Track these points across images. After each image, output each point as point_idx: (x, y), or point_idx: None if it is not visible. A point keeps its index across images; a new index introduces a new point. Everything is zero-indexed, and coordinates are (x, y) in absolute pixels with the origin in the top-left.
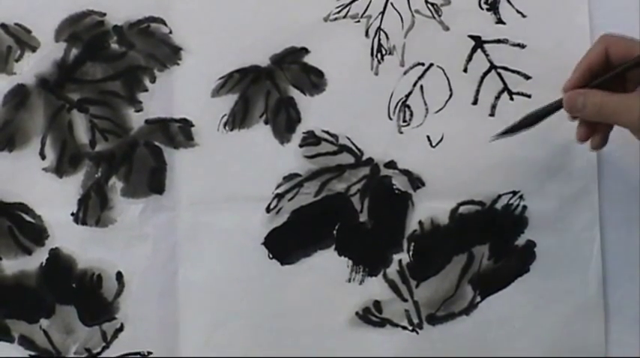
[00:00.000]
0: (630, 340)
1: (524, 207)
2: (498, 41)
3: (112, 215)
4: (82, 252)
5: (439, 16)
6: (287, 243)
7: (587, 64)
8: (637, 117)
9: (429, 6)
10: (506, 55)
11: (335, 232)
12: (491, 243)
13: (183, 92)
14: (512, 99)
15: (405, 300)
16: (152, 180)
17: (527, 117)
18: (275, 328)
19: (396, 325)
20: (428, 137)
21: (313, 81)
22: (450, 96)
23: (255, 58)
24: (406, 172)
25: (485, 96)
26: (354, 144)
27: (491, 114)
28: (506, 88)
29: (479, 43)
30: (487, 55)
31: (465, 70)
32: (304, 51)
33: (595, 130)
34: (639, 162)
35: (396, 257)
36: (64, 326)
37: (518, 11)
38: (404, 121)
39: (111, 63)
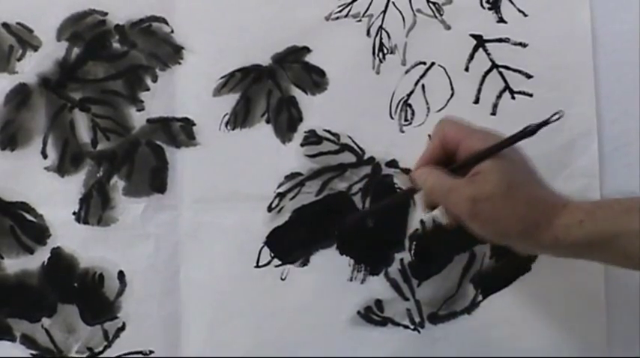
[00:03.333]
0: (632, 340)
1: None
2: (500, 40)
3: (113, 214)
4: (83, 251)
5: (440, 15)
6: (288, 242)
7: (428, 148)
8: (462, 206)
9: (431, 5)
10: (507, 53)
11: (336, 231)
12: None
13: (185, 91)
14: (513, 98)
15: (407, 299)
16: (154, 179)
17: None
18: (276, 327)
19: (398, 324)
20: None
21: (315, 80)
22: (452, 95)
23: (256, 57)
24: (408, 171)
25: (486, 95)
26: (355, 143)
27: (493, 114)
28: (507, 87)
29: (480, 41)
30: (488, 54)
31: (467, 69)
32: (306, 50)
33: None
34: None
35: (397, 256)
36: (65, 325)
37: (519, 10)
38: (405, 120)
39: (112, 62)
